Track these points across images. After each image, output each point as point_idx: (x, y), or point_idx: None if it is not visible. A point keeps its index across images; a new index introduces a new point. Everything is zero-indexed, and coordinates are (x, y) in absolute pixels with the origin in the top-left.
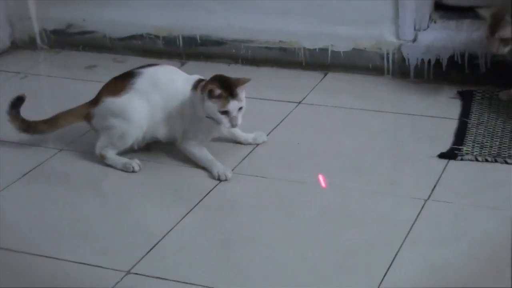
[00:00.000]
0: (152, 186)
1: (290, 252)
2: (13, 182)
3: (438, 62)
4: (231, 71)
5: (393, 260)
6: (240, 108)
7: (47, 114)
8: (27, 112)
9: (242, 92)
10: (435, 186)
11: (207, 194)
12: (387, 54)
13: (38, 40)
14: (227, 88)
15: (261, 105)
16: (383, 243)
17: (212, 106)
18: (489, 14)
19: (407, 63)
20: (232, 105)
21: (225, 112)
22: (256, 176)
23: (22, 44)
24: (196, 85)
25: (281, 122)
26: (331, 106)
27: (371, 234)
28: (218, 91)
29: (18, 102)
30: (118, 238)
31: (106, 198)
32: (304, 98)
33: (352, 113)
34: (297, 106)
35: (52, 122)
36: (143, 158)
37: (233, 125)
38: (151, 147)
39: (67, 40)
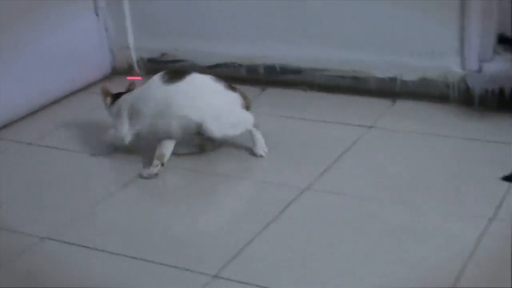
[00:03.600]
0: (233, 199)
1: (360, 266)
2: (115, 191)
3: (501, 91)
4: (307, 97)
5: (459, 276)
6: None
7: None
8: None
9: None
10: (499, 206)
11: (285, 208)
12: (453, 83)
13: (136, 67)
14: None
15: (334, 128)
16: (449, 259)
17: None
18: None
19: (471, 92)
20: None
21: None
22: (331, 193)
23: (122, 71)
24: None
25: (353, 144)
26: (399, 131)
27: (437, 250)
28: None
29: None
30: (205, 243)
31: (192, 206)
32: (374, 123)
33: (419, 138)
34: (368, 130)
35: None
36: (225, 173)
37: None
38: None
39: (161, 67)
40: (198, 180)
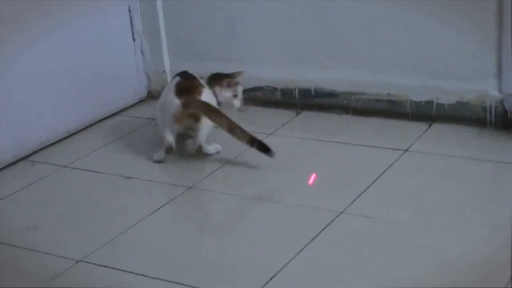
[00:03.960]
0: (267, 223)
1: None
2: (149, 214)
3: None
4: (342, 121)
5: None
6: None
7: None
8: None
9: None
10: None
11: (319, 232)
12: (490, 107)
13: None
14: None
15: (370, 152)
16: (483, 286)
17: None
18: None
19: (509, 115)
20: (239, 89)
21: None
22: (366, 217)
23: (157, 94)
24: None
25: (388, 168)
26: (435, 154)
27: (472, 276)
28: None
29: None
30: (239, 268)
31: (226, 230)
32: (410, 146)
33: (454, 162)
34: (403, 153)
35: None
36: (257, 197)
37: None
38: (265, 186)
39: None
40: (231, 203)
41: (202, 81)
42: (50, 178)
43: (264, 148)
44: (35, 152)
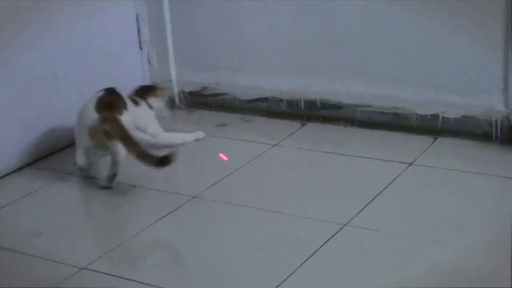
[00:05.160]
0: (272, 234)
1: None
2: (153, 222)
3: None
4: (348, 133)
5: None
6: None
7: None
8: None
9: None
10: None
11: (323, 244)
12: (496, 121)
13: (177, 100)
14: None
15: (374, 164)
16: None
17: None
18: None
19: None
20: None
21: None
22: (370, 230)
23: None
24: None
25: (393, 181)
26: (440, 168)
27: None
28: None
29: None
30: (243, 278)
31: (230, 241)
32: (415, 160)
33: (459, 176)
34: (408, 167)
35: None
36: (262, 208)
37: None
38: (269, 197)
39: (202, 100)
40: (234, 214)
41: (128, 100)
42: (54, 186)
43: (168, 160)
44: (40, 158)
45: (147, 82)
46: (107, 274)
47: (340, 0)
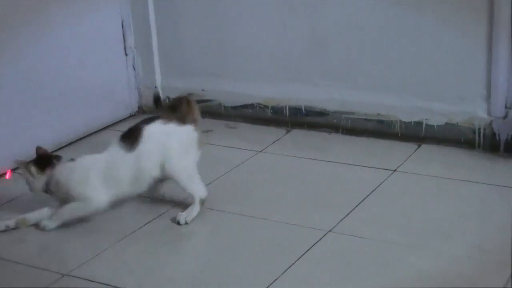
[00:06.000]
0: (255, 240)
1: None
2: (135, 230)
3: None
4: (332, 139)
5: None
6: None
7: None
8: None
9: None
10: None
11: (307, 250)
12: (479, 129)
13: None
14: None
15: (359, 171)
16: None
17: None
18: None
19: (497, 138)
20: None
21: None
22: (354, 236)
23: (147, 109)
24: None
25: (376, 188)
26: (423, 174)
27: None
28: None
29: None
30: (227, 285)
31: (215, 248)
32: (398, 166)
33: (443, 183)
34: (392, 173)
35: None
36: (247, 215)
37: None
38: (256, 204)
39: None
40: (219, 220)
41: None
42: None
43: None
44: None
45: (132, 88)
46: (90, 280)
47: (325, 8)
